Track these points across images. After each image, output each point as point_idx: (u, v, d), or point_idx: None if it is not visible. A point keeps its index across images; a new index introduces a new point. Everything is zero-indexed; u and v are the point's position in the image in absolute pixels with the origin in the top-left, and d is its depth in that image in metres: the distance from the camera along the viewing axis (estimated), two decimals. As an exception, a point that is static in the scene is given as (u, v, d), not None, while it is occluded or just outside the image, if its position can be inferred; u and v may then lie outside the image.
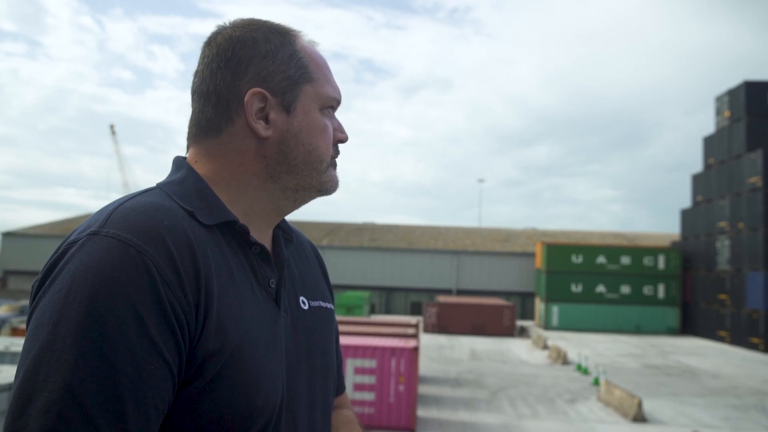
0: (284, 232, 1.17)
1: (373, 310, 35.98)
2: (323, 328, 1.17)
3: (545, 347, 23.78)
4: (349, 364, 10.63)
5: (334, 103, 1.13)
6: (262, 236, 1.10)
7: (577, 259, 33.48)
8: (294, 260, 1.18)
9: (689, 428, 11.18)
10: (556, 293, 33.12)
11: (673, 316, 32.52)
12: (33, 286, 0.91)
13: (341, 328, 13.70)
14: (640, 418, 12.09)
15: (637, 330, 32.06)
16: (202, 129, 1.07)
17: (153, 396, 0.84)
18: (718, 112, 31.64)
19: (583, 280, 33.18)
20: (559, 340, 26.64)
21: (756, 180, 26.72)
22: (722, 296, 28.72)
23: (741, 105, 29.02)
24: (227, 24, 1.10)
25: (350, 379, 10.56)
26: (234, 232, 1.03)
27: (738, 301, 27.26)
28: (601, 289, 33.05)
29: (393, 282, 39.73)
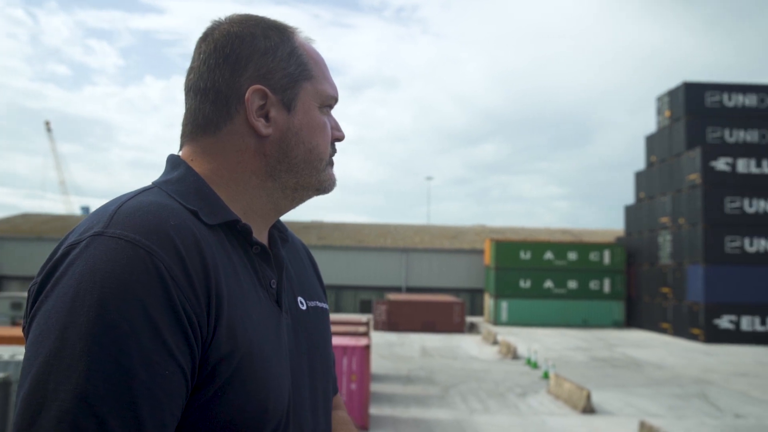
0: (279, 232, 1.16)
1: (323, 309, 35.64)
2: (321, 328, 1.16)
3: (495, 343, 23.98)
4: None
5: (332, 101, 1.11)
6: (261, 236, 1.08)
7: (525, 256, 33.94)
8: (289, 260, 1.16)
9: (636, 418, 11.35)
10: (504, 289, 33.51)
11: (618, 309, 33.33)
12: (30, 290, 0.86)
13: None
14: (589, 409, 12.24)
15: (584, 324, 32.72)
16: (198, 126, 1.04)
17: (169, 402, 0.81)
18: (659, 111, 32.58)
19: (531, 276, 33.67)
20: (509, 335, 26.92)
21: (695, 177, 27.59)
22: (664, 289, 29.57)
23: (680, 105, 29.94)
24: (223, 19, 1.06)
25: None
26: (236, 231, 1.00)
27: (679, 294, 28.12)
28: (548, 284, 33.60)
29: (342, 280, 39.47)
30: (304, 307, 1.11)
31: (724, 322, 26.20)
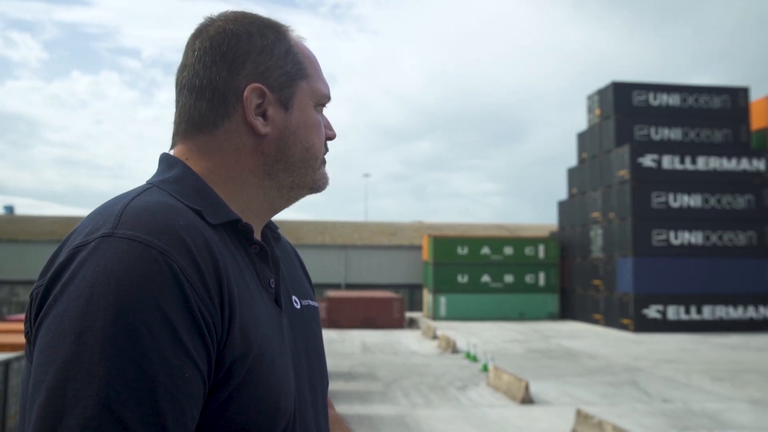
0: (272, 231, 1.16)
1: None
2: (314, 327, 1.16)
3: (435, 337, 24.25)
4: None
5: (326, 100, 1.11)
6: (257, 235, 1.07)
7: (462, 251, 34.44)
8: (281, 258, 1.14)
9: (572, 406, 11.70)
10: (443, 284, 33.92)
11: (553, 302, 34.26)
12: (34, 294, 0.83)
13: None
14: (527, 400, 12.53)
15: (521, 317, 33.48)
16: (194, 124, 1.02)
17: (190, 406, 0.80)
18: (590, 110, 33.62)
19: (469, 271, 34.19)
20: (448, 329, 27.25)
21: (624, 173, 28.63)
22: (596, 282, 30.58)
23: (610, 104, 30.97)
24: (215, 16, 1.05)
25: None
26: (237, 231, 0.98)
27: (610, 286, 29.13)
28: (486, 278, 34.20)
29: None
30: (298, 306, 1.11)
31: (652, 311, 27.33)
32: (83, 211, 48.19)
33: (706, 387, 14.49)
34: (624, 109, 30.56)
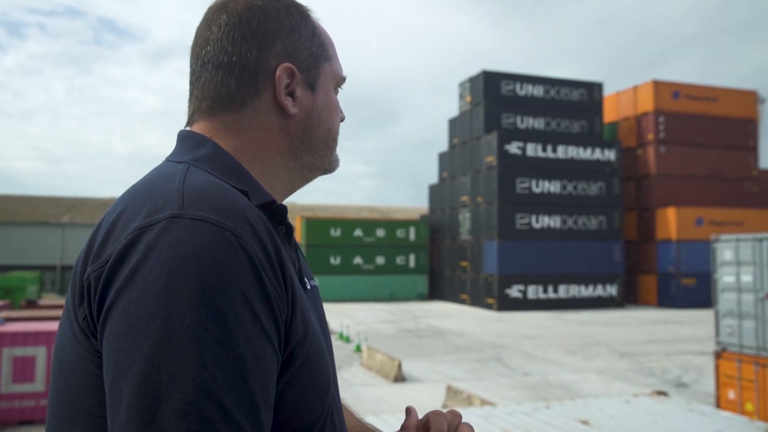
0: None
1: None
2: (322, 307, 1.14)
3: (308, 319, 24.23)
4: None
5: (343, 82, 1.12)
6: None
7: (335, 233, 34.58)
8: None
9: (443, 383, 12.18)
10: (316, 266, 33.91)
11: (422, 283, 35.34)
12: (89, 278, 0.80)
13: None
14: (400, 378, 12.88)
15: (392, 297, 34.26)
16: (221, 102, 0.99)
17: (272, 386, 0.80)
18: (461, 97, 34.78)
19: (342, 253, 34.43)
20: (321, 311, 27.32)
21: (492, 159, 29.98)
22: (464, 263, 31.91)
23: (480, 92, 32.21)
24: None
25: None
26: (272, 212, 0.94)
27: (477, 267, 30.52)
28: (358, 260, 34.60)
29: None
30: (308, 287, 1.08)
31: (514, 291, 29.00)
32: None
33: (561, 360, 15.62)
34: (493, 97, 31.91)
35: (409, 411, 1.05)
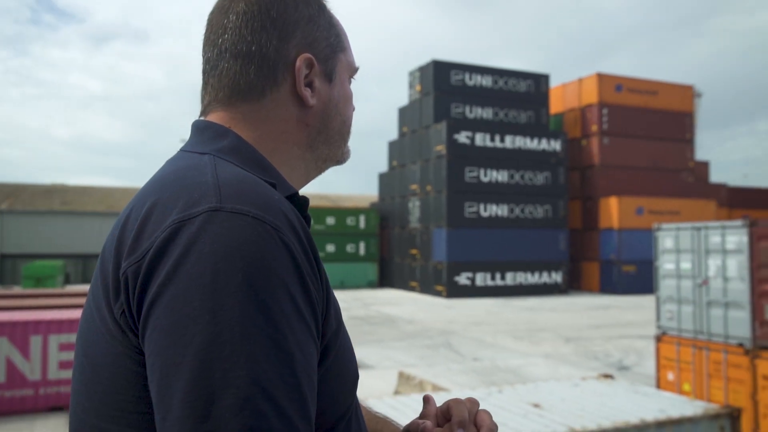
0: None
1: (68, 281, 32.46)
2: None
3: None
4: (53, 341, 9.40)
5: (356, 73, 1.13)
6: None
7: (285, 221, 34.31)
8: None
9: (395, 369, 12.32)
10: (266, 254, 33.63)
11: (372, 270, 35.47)
12: (126, 272, 0.79)
13: (32, 302, 12.27)
14: (352, 365, 12.96)
15: (342, 285, 34.27)
16: (239, 91, 0.98)
17: (315, 381, 0.80)
18: (411, 86, 34.90)
19: (292, 241, 34.18)
20: (271, 299, 27.18)
21: (441, 148, 30.26)
22: (413, 251, 32.19)
23: (430, 81, 32.38)
24: None
25: (55, 357, 9.36)
26: (295, 204, 0.93)
27: (426, 255, 30.85)
28: (308, 248, 34.43)
29: (90, 249, 36.21)
30: None
31: (463, 278, 29.46)
32: None
33: (509, 345, 16.02)
34: (442, 87, 32.14)
35: (427, 399, 1.05)
